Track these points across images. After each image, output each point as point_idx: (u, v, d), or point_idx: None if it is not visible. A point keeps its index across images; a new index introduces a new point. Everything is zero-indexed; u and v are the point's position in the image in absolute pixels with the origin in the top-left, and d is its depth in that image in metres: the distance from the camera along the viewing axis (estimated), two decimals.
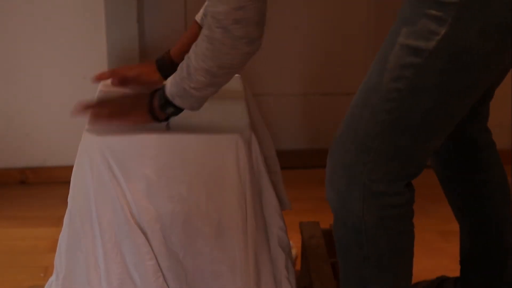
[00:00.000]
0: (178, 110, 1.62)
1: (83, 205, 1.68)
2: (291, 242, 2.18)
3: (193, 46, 1.55)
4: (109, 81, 1.98)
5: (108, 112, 1.66)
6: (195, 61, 1.53)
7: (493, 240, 1.84)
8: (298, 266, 2.15)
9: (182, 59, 1.61)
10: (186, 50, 1.62)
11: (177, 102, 1.59)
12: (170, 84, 1.59)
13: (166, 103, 1.61)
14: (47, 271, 2.18)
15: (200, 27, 1.86)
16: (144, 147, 1.65)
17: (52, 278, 1.92)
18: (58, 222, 2.35)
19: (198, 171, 1.66)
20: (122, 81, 1.86)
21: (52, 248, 1.89)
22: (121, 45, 2.63)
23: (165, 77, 1.82)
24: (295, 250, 2.21)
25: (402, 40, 1.43)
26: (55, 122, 2.68)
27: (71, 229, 1.72)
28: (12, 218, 2.51)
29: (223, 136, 1.68)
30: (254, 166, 1.71)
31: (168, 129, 1.69)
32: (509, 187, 1.85)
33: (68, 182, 1.73)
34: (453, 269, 2.00)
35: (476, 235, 1.86)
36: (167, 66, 1.82)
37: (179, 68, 1.58)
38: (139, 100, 1.65)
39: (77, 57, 2.62)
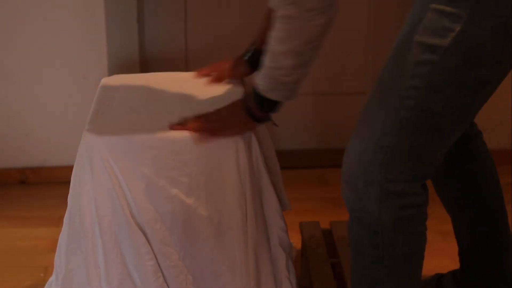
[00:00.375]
0: (276, 104, 1.62)
1: (83, 205, 1.68)
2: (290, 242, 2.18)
3: (271, 35, 1.55)
4: (109, 82, 1.98)
5: (211, 127, 1.66)
6: (277, 46, 1.53)
7: (492, 228, 1.85)
8: (298, 266, 2.15)
9: None
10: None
11: (273, 96, 1.59)
12: (260, 80, 1.60)
13: (263, 101, 1.61)
14: (47, 271, 2.18)
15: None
16: (144, 147, 1.65)
17: (52, 278, 1.92)
18: (58, 222, 2.35)
19: (198, 171, 1.66)
20: (219, 78, 1.89)
21: (52, 248, 1.89)
22: (121, 45, 2.63)
23: (254, 67, 1.83)
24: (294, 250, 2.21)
25: (417, 37, 1.44)
26: (55, 122, 2.68)
27: (71, 229, 1.72)
28: (12, 218, 2.51)
29: None
30: (254, 166, 1.71)
31: (276, 126, 1.70)
32: (497, 175, 1.86)
33: (68, 182, 1.73)
34: (453, 269, 2.00)
35: (476, 225, 1.86)
36: (258, 58, 1.80)
37: (264, 60, 1.58)
38: (235, 108, 1.66)
39: (77, 57, 2.62)
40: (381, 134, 1.50)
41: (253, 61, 1.86)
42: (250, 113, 1.65)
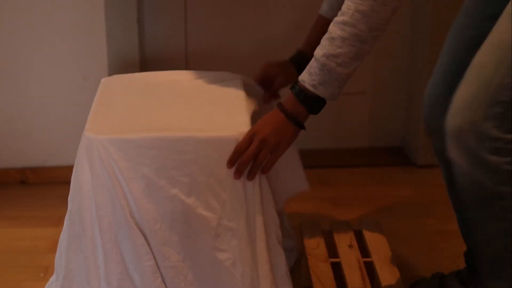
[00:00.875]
0: (320, 103, 1.61)
1: (83, 205, 1.68)
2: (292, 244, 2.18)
3: (337, 19, 1.55)
4: (109, 82, 1.98)
5: (263, 156, 1.63)
6: (343, 31, 1.53)
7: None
8: (298, 266, 2.15)
9: None
10: (317, 45, 1.61)
11: (321, 91, 1.58)
12: (308, 75, 1.58)
13: (310, 99, 1.60)
14: (47, 271, 2.18)
15: (326, 20, 1.86)
16: (144, 147, 1.65)
17: (52, 278, 1.92)
18: (58, 222, 2.36)
19: (198, 171, 1.66)
20: (273, 94, 1.89)
21: (52, 248, 1.89)
22: (121, 45, 2.63)
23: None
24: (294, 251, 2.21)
25: None
26: (55, 122, 2.68)
27: (71, 229, 1.72)
28: (12, 218, 2.50)
29: (223, 136, 1.68)
30: None
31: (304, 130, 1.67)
32: None
33: (68, 182, 1.73)
34: (453, 269, 2.00)
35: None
36: (301, 61, 1.81)
37: (316, 52, 1.57)
38: (276, 121, 1.63)
39: (77, 57, 2.62)
40: (498, 88, 1.53)
41: (297, 63, 1.86)
42: (295, 119, 1.63)
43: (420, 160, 2.85)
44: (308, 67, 1.60)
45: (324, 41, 1.58)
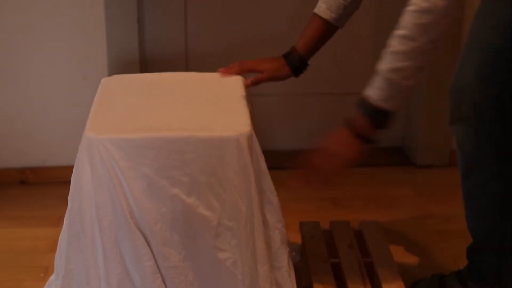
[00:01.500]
0: (388, 119, 1.62)
1: (83, 205, 1.68)
2: (294, 245, 2.18)
3: (397, 33, 1.59)
4: (109, 82, 1.98)
5: (325, 173, 1.67)
6: (405, 45, 1.57)
7: None
8: (298, 266, 2.15)
9: (309, 54, 1.62)
10: (311, 44, 1.66)
11: (389, 105, 1.60)
12: (374, 90, 1.61)
13: (377, 114, 1.62)
14: (47, 271, 2.18)
15: (322, 20, 1.89)
16: (144, 147, 1.65)
17: (52, 277, 1.92)
18: (58, 222, 2.36)
19: (199, 171, 1.66)
20: (255, 81, 1.91)
21: (52, 248, 1.88)
22: (121, 45, 2.63)
23: (294, 71, 1.87)
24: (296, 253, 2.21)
25: None
26: (55, 122, 2.68)
27: (71, 229, 1.72)
28: (12, 218, 2.50)
29: (224, 136, 1.68)
30: (255, 165, 1.71)
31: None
32: None
33: (68, 182, 1.73)
34: (452, 269, 2.00)
35: None
36: (296, 62, 1.84)
37: (379, 67, 1.61)
38: (340, 137, 1.65)
39: (77, 57, 2.62)
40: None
41: (292, 63, 1.88)
42: (360, 134, 1.64)
43: (420, 160, 2.85)
44: (372, 82, 1.63)
45: (386, 55, 1.62)
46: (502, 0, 1.68)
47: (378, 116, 1.63)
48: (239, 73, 1.95)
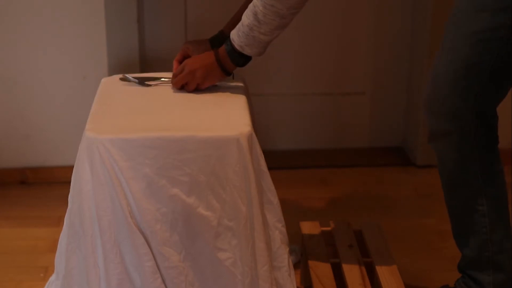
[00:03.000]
0: (247, 59, 1.83)
1: (83, 205, 1.68)
2: (294, 246, 2.18)
3: None
4: (109, 82, 1.98)
5: (190, 85, 1.86)
6: (263, 8, 1.74)
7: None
8: (298, 266, 2.15)
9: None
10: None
11: (247, 51, 1.80)
12: (237, 37, 1.80)
13: (237, 56, 1.82)
14: (47, 271, 2.18)
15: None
16: (144, 147, 1.65)
17: (52, 277, 1.92)
18: (58, 222, 2.36)
19: (199, 171, 1.66)
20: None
21: (52, 248, 1.89)
22: (121, 45, 2.63)
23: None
24: (296, 253, 2.21)
25: None
26: (55, 122, 2.68)
27: (71, 229, 1.72)
28: (12, 218, 2.51)
29: (224, 136, 1.68)
30: (255, 165, 1.71)
31: (233, 77, 1.92)
32: None
33: (68, 182, 1.73)
34: (452, 269, 2.00)
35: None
36: (221, 41, 1.95)
37: (243, 19, 1.79)
38: (207, 61, 1.86)
39: (77, 57, 2.62)
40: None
41: (215, 42, 2.01)
42: (223, 67, 1.84)
43: (420, 160, 2.85)
44: (237, 27, 1.81)
45: (249, 11, 1.77)
46: (475, 11, 1.69)
47: (237, 56, 1.82)
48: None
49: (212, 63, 1.85)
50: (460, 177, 1.82)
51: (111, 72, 2.57)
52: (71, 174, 1.72)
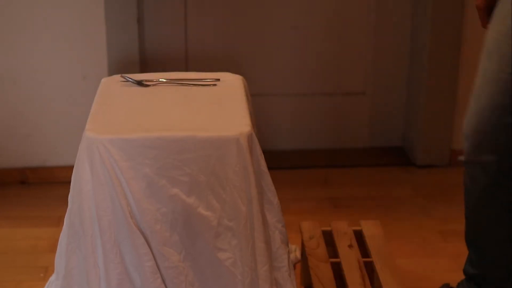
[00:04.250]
0: None
1: (83, 205, 1.68)
2: (294, 246, 2.18)
3: None
4: (109, 82, 1.98)
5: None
6: None
7: None
8: (298, 266, 2.15)
9: None
10: None
11: None
12: None
13: None
14: (47, 271, 2.18)
15: None
16: (144, 147, 1.65)
17: (52, 277, 1.92)
18: (58, 222, 2.36)
19: (199, 171, 1.66)
20: None
21: (52, 248, 1.89)
22: (121, 45, 2.63)
23: None
24: (296, 253, 2.21)
25: None
26: (55, 122, 2.68)
27: (71, 229, 1.72)
28: (12, 218, 2.51)
29: (224, 136, 1.68)
30: (255, 165, 1.71)
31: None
32: None
33: (68, 182, 1.73)
34: (452, 269, 2.00)
35: None
36: None
37: None
38: None
39: (77, 57, 2.62)
40: None
41: None
42: None
43: (420, 160, 2.85)
44: None
45: None
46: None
47: None
48: None
49: None
50: (491, 196, 1.81)
51: (111, 72, 2.58)
52: (71, 174, 1.72)
